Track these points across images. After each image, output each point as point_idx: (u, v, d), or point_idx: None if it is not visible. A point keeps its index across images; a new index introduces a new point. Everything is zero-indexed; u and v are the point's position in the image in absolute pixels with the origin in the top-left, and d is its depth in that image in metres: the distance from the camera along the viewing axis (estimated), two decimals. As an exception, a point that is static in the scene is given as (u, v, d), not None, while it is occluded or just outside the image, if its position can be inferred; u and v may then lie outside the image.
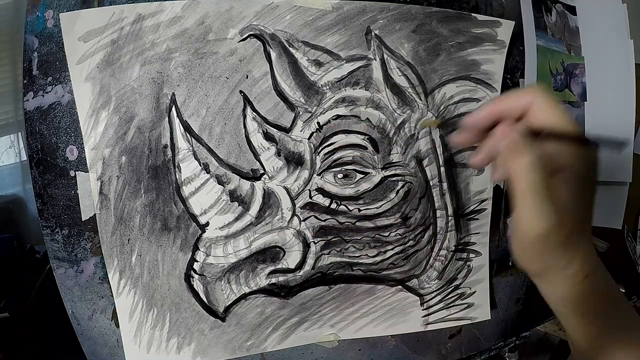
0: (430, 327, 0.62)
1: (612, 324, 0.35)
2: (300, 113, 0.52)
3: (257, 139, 0.52)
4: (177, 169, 0.50)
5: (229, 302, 0.55)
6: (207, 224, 0.52)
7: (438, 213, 0.59)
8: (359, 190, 0.55)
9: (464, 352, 0.68)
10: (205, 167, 0.51)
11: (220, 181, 0.51)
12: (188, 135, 0.50)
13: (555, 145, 0.30)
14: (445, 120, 0.52)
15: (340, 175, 0.54)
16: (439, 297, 0.62)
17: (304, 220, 0.54)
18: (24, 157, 1.03)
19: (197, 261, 0.53)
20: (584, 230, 0.32)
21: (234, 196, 0.52)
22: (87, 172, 0.49)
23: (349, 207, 0.55)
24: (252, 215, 0.53)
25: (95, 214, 0.50)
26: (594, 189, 0.31)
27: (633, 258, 0.91)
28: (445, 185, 0.59)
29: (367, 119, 0.54)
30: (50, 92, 0.48)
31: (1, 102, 1.02)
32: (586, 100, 0.73)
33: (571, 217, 0.30)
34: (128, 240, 0.51)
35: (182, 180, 0.51)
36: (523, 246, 0.31)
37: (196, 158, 0.51)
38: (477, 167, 0.49)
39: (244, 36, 0.50)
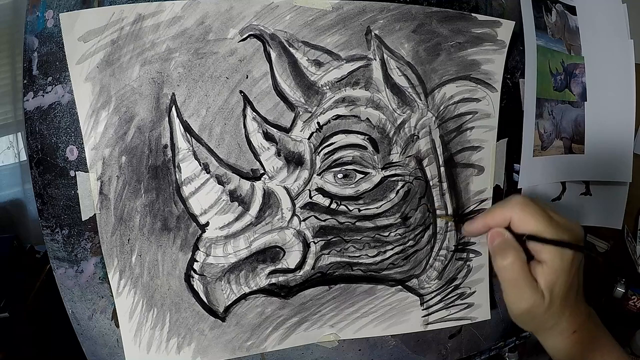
0: (430, 327, 0.62)
1: None
2: (300, 113, 0.52)
3: (257, 139, 0.52)
4: (177, 169, 0.50)
5: (229, 302, 0.55)
6: (207, 224, 0.52)
7: (438, 213, 0.59)
8: (359, 190, 0.55)
9: (464, 352, 0.68)
10: (205, 167, 0.51)
11: (220, 181, 0.51)
12: (188, 135, 0.50)
13: (536, 244, 0.38)
14: (458, 219, 0.60)
15: (340, 175, 0.54)
16: (439, 297, 0.62)
17: (304, 220, 0.54)
18: (24, 158, 1.02)
19: (197, 261, 0.53)
20: (565, 302, 0.39)
21: (234, 196, 0.52)
22: (87, 172, 0.49)
23: (349, 207, 0.55)
24: (252, 215, 0.53)
25: (95, 214, 0.50)
26: (571, 274, 0.39)
27: (633, 258, 0.91)
28: (445, 185, 0.59)
29: (367, 119, 0.54)
30: (50, 92, 0.48)
31: (0, 102, 1.02)
32: (586, 100, 0.73)
33: (549, 295, 0.38)
34: (128, 240, 0.51)
35: (182, 180, 0.51)
36: (514, 317, 0.41)
37: (196, 158, 0.51)
38: (467, 235, 0.59)
39: (244, 36, 0.50)
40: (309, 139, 0.53)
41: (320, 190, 0.54)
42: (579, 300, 0.41)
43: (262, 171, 0.52)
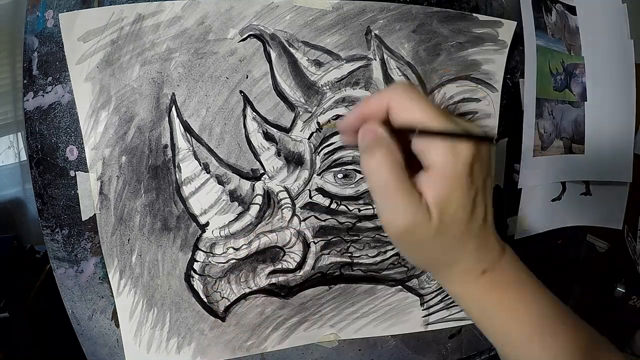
0: (430, 327, 0.62)
1: (523, 319, 0.32)
2: (300, 113, 0.52)
3: (257, 139, 0.52)
4: (177, 169, 0.50)
5: (229, 302, 0.55)
6: (207, 224, 0.52)
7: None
8: (359, 190, 0.55)
9: (464, 352, 0.68)
10: (205, 167, 0.51)
11: (220, 181, 0.51)
12: (188, 135, 0.50)
13: (420, 142, 0.29)
14: (331, 126, 0.52)
15: (340, 175, 0.54)
16: (439, 297, 0.62)
17: (304, 220, 0.54)
18: (24, 158, 1.02)
19: (197, 261, 0.53)
20: (466, 227, 0.30)
21: (234, 196, 0.52)
22: (87, 172, 0.49)
23: (349, 207, 0.55)
24: (252, 215, 0.53)
25: (95, 214, 0.50)
26: (471, 187, 0.29)
27: (633, 258, 0.91)
28: (445, 185, 0.59)
29: (367, 119, 0.54)
30: (50, 92, 0.48)
31: (0, 102, 1.02)
32: (586, 100, 0.73)
33: (439, 214, 0.28)
34: (128, 240, 0.51)
35: (182, 180, 0.51)
36: (395, 242, 0.31)
37: (196, 158, 0.51)
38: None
39: (244, 36, 0.50)
40: (309, 139, 0.53)
41: (320, 190, 0.54)
42: (488, 231, 0.32)
43: (262, 171, 0.52)
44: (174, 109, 0.50)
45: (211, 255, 0.53)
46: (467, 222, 0.30)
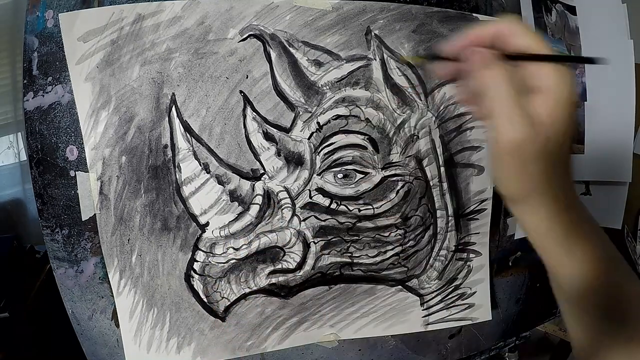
0: (430, 328, 0.62)
1: (603, 260, 0.34)
2: (300, 113, 0.52)
3: (257, 139, 0.52)
4: (177, 169, 0.50)
5: (229, 302, 0.55)
6: (207, 224, 0.52)
7: (438, 213, 0.59)
8: (359, 190, 0.55)
9: (464, 352, 0.68)
10: (205, 167, 0.51)
11: (220, 181, 0.51)
12: (188, 135, 0.50)
13: (530, 67, 0.30)
14: (425, 54, 0.51)
15: (340, 175, 0.54)
16: (439, 297, 0.62)
17: (304, 220, 0.54)
18: (24, 158, 1.03)
19: (197, 261, 0.53)
20: (561, 149, 0.31)
21: (234, 196, 0.52)
22: (87, 172, 0.49)
23: (349, 207, 0.55)
24: (252, 215, 0.53)
25: (95, 214, 0.50)
26: (569, 109, 0.30)
27: (633, 258, 0.91)
28: (445, 185, 0.59)
29: (367, 119, 0.54)
30: (50, 92, 0.48)
31: (0, 102, 1.02)
32: (586, 100, 0.73)
33: (546, 133, 0.30)
34: (128, 240, 0.51)
35: (182, 180, 0.51)
36: (499, 161, 0.31)
37: (196, 158, 0.51)
38: (442, 78, 0.49)
39: (244, 36, 0.50)
40: (309, 139, 0.53)
41: (320, 190, 0.54)
42: (571, 163, 0.33)
43: (262, 171, 0.52)
44: (174, 109, 0.50)
45: (211, 255, 0.53)
46: (566, 145, 0.31)
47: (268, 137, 0.52)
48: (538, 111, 0.30)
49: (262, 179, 0.52)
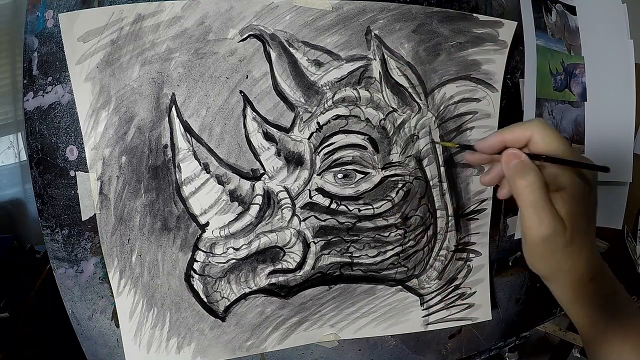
0: (430, 328, 0.62)
1: (614, 323, 0.38)
2: (300, 113, 0.52)
3: (257, 139, 0.52)
4: (177, 169, 0.50)
5: (229, 302, 0.55)
6: (207, 224, 0.52)
7: (438, 213, 0.59)
8: (359, 190, 0.55)
9: (464, 352, 0.68)
10: (205, 167, 0.51)
11: (220, 181, 0.51)
12: (188, 135, 0.50)
13: (555, 168, 0.35)
14: (462, 144, 0.56)
15: (340, 175, 0.54)
16: (439, 297, 0.62)
17: (304, 220, 0.54)
18: (24, 158, 1.03)
19: (197, 261, 0.53)
20: (585, 238, 0.36)
21: (234, 196, 0.52)
22: (87, 172, 0.49)
23: (349, 207, 0.55)
24: (252, 215, 0.53)
25: (95, 214, 0.50)
26: (591, 205, 0.36)
27: (633, 258, 0.91)
28: (445, 185, 0.59)
29: (367, 119, 0.54)
30: (50, 92, 0.48)
31: (0, 102, 1.02)
32: (586, 100, 0.73)
33: (570, 226, 0.35)
34: (128, 240, 0.51)
35: (182, 180, 0.51)
36: (531, 250, 0.36)
37: (196, 158, 0.51)
38: (487, 185, 0.57)
39: (244, 36, 0.50)
40: (309, 139, 0.53)
41: (320, 190, 0.54)
42: (594, 244, 0.38)
43: (262, 171, 0.52)
44: (174, 109, 0.50)
45: (211, 255, 0.53)
46: (586, 232, 0.36)
47: (268, 137, 0.52)
48: (563, 207, 0.35)
49: (262, 179, 0.52)
